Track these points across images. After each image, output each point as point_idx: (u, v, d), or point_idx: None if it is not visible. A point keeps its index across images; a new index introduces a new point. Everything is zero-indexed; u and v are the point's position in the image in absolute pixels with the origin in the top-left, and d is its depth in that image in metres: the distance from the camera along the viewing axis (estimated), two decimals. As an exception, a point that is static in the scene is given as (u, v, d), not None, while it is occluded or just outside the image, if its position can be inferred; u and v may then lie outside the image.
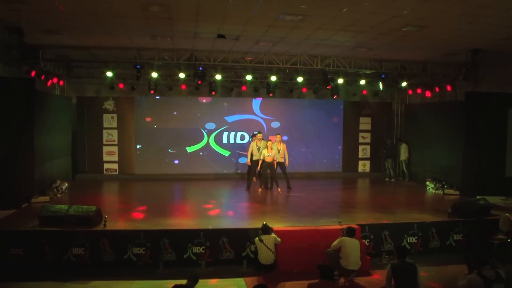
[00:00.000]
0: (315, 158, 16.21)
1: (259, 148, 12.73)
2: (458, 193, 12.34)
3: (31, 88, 10.76)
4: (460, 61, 12.37)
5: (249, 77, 12.37)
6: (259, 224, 8.22)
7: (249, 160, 12.93)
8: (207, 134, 15.58)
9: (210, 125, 15.61)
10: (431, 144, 14.22)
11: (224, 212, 10.05)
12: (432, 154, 14.19)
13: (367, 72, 12.31)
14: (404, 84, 12.77)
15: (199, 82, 11.46)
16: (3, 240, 7.95)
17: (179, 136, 15.44)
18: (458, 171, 12.59)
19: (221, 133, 15.66)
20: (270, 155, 12.34)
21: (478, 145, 12.11)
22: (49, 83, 12.65)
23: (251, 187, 12.84)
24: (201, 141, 15.59)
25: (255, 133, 12.96)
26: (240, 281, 7.57)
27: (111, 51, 11.56)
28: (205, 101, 15.54)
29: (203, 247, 8.27)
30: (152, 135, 15.35)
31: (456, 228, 9.26)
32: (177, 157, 15.50)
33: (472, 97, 12.29)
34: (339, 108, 16.41)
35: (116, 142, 15.18)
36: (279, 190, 12.46)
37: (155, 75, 11.75)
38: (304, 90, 15.56)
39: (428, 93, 14.30)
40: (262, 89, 15.30)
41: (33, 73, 11.22)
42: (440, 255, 8.94)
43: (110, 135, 15.18)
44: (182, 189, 13.31)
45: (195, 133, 15.53)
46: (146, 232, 8.25)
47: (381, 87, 12.20)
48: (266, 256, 7.79)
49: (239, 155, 15.58)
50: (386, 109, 16.77)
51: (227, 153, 15.70)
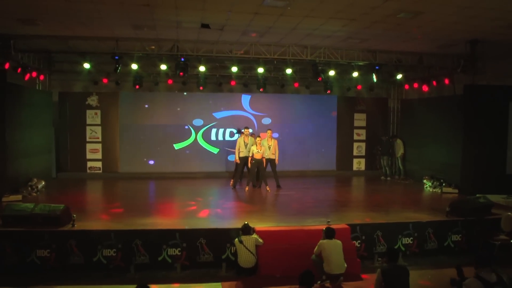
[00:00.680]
0: (308, 155, 15.59)
1: (246, 145, 12.11)
2: (457, 191, 11.75)
3: (2, 81, 10.13)
4: (458, 53, 11.75)
5: (234, 69, 11.70)
6: (241, 224, 7.56)
7: (237, 158, 12.31)
8: (194, 131, 14.95)
9: (197, 122, 15.01)
10: (428, 140, 13.63)
11: (206, 211, 9.37)
12: (429, 151, 13.59)
13: (360, 63, 11.66)
14: (400, 76, 12.12)
15: (181, 74, 10.80)
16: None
17: (165, 133, 14.84)
18: (456, 168, 11.99)
19: (209, 130, 15.05)
20: (259, 151, 11.70)
21: (477, 141, 11.57)
22: (27, 76, 12.03)
23: (237, 185, 12.20)
24: (189, 138, 14.96)
25: (242, 130, 12.30)
26: (218, 286, 6.93)
27: (90, 41, 10.90)
28: (186, 94, 14.89)
29: (179, 249, 7.64)
30: (137, 132, 14.74)
31: (454, 228, 8.61)
32: (160, 155, 14.84)
33: (471, 90, 11.69)
34: (332, 104, 15.80)
35: (100, 140, 14.58)
36: (268, 189, 11.81)
37: (135, 66, 11.08)
38: (296, 85, 14.92)
39: (425, 88, 13.62)
40: (253, 84, 14.70)
41: (6, 65, 10.58)
42: (437, 257, 8.33)
43: (94, 132, 14.57)
44: (166, 188, 12.67)
45: (182, 130, 14.92)
46: (117, 233, 7.61)
47: (374, 79, 11.55)
48: (246, 258, 7.13)
49: (228, 153, 14.93)
50: (382, 104, 16.16)
51: (215, 150, 15.07)
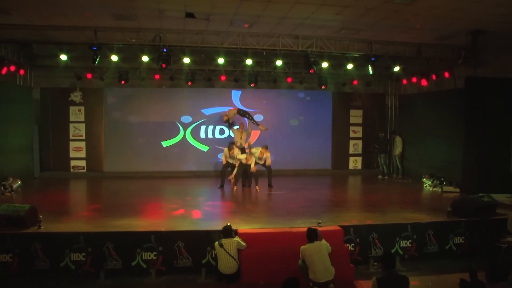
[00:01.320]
0: (302, 154, 14.90)
1: (232, 157, 11.33)
2: (458, 190, 11.15)
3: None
4: (459, 44, 11.13)
5: (221, 60, 11.01)
6: (223, 224, 6.88)
7: (224, 160, 11.59)
8: (183, 128, 14.28)
9: (186, 118, 14.35)
10: (428, 137, 13.03)
11: (189, 212, 8.68)
12: (429, 148, 12.97)
13: (355, 55, 10.99)
14: (397, 68, 11.45)
15: (163, 66, 10.12)
16: None
17: (152, 130, 14.17)
18: (458, 166, 11.37)
19: (198, 127, 14.39)
20: (249, 163, 11.05)
21: (480, 137, 10.94)
22: (4, 70, 11.37)
23: (224, 184, 11.54)
24: (177, 135, 14.30)
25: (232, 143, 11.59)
26: (195, 294, 6.25)
27: (67, 32, 10.23)
28: (165, 88, 14.23)
29: (155, 253, 6.98)
30: (123, 129, 14.08)
31: (456, 230, 7.93)
32: (147, 154, 14.18)
33: (473, 83, 11.03)
34: (327, 100, 15.14)
35: (84, 137, 13.94)
36: (257, 188, 11.13)
37: (115, 58, 10.40)
38: (289, 80, 14.30)
39: (424, 82, 13.04)
40: (244, 80, 14.09)
41: (-22, 58, 9.93)
42: (438, 262, 7.68)
43: (77, 130, 13.93)
44: (151, 188, 12.00)
45: (170, 127, 14.27)
46: (87, 235, 6.95)
47: (370, 71, 10.89)
48: (226, 263, 6.44)
49: (218, 151, 14.25)
50: (379, 100, 15.52)
51: (205, 148, 14.42)
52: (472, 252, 7.83)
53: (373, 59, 10.71)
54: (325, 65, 11.08)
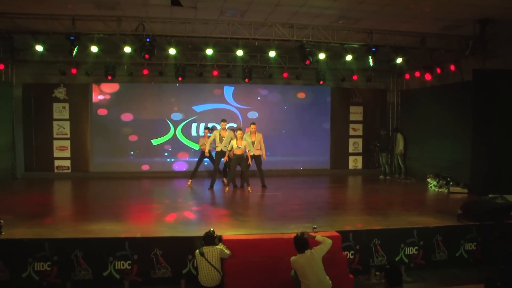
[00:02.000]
0: (299, 153, 14.21)
1: (222, 139, 10.66)
2: (466, 191, 10.45)
3: None
4: (466, 34, 10.35)
5: (209, 51, 10.23)
6: (208, 229, 6.10)
7: (207, 150, 10.78)
8: (173, 126, 13.54)
9: (176, 116, 13.62)
10: (432, 135, 12.31)
11: (172, 215, 7.89)
12: (433, 147, 12.23)
13: (355, 45, 10.21)
14: (399, 60, 10.67)
15: (146, 57, 9.35)
16: None
17: (141, 128, 13.45)
18: (465, 165, 10.66)
19: (189, 125, 13.67)
20: (240, 147, 10.25)
21: (489, 133, 10.26)
22: (-22, 64, 10.64)
23: (214, 185, 10.78)
24: (167, 133, 13.57)
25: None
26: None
27: (44, 21, 9.46)
28: (153, 83, 13.51)
29: (129, 261, 6.22)
30: (110, 127, 13.38)
31: (468, 235, 7.16)
32: (136, 153, 13.46)
33: (481, 76, 10.30)
34: (325, 96, 14.45)
35: (69, 136, 13.27)
36: (249, 189, 10.36)
37: (95, 49, 9.64)
38: (285, 75, 13.53)
39: (427, 76, 12.30)
40: (237, 75, 13.36)
41: None
42: (447, 271, 6.91)
43: (62, 128, 13.25)
44: (136, 188, 11.26)
45: (160, 125, 13.57)
46: (53, 242, 6.18)
47: (371, 62, 10.11)
48: (208, 275, 5.65)
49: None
50: (380, 96, 14.79)
51: (197, 146, 13.63)
52: (485, 259, 7.09)
53: (373, 49, 9.93)
54: (322, 56, 10.29)
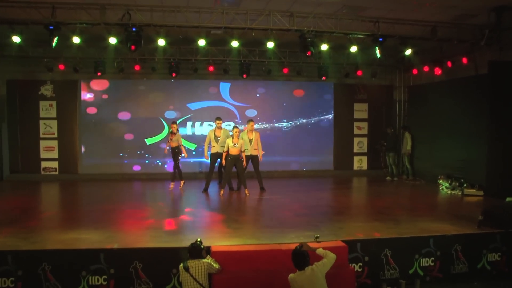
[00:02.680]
0: (300, 153, 13.44)
1: (218, 139, 9.92)
2: (481, 193, 9.69)
3: None
4: (480, 23, 9.53)
5: (202, 42, 9.44)
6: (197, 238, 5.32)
7: (206, 154, 10.16)
8: (167, 124, 12.81)
9: (170, 114, 12.89)
10: (443, 133, 11.55)
11: (159, 222, 7.08)
12: (444, 146, 11.45)
13: (360, 35, 9.39)
14: (409, 52, 9.86)
15: (132, 48, 8.55)
16: None
17: (133, 127, 12.75)
18: (480, 165, 9.90)
19: (184, 123, 12.93)
20: (236, 145, 9.46)
21: (506, 130, 9.48)
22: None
23: (209, 187, 10.01)
24: (161, 132, 12.85)
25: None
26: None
27: (21, 9, 8.67)
28: (146, 79, 12.79)
29: (105, 276, 5.46)
30: (100, 126, 12.67)
31: (491, 244, 6.34)
32: (128, 153, 12.72)
33: (498, 69, 9.56)
34: (328, 92, 13.70)
35: (56, 136, 12.56)
36: (247, 192, 9.57)
37: (77, 40, 8.86)
38: (286, 71, 12.73)
39: (437, 70, 11.50)
40: (234, 71, 12.59)
41: None
42: (468, 285, 6.11)
43: (49, 127, 12.55)
44: (126, 191, 10.51)
45: (153, 123, 12.85)
46: (17, 254, 5.40)
47: (378, 54, 9.30)
48: (192, 293, 4.85)
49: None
50: (386, 93, 13.99)
51: (193, 146, 12.91)
52: (510, 271, 6.24)
53: (381, 39, 9.10)
54: (324, 47, 9.47)
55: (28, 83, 12.38)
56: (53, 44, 8.43)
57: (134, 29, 8.38)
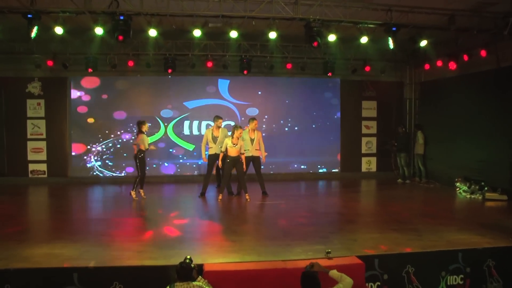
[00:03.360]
0: (305, 154, 12.61)
1: (216, 138, 9.12)
2: (505, 197, 8.86)
3: None
4: (502, 11, 8.69)
5: (197, 33, 8.61)
6: (189, 254, 4.48)
7: (203, 156, 9.36)
8: (163, 124, 12.05)
9: (166, 113, 12.09)
10: (459, 132, 10.71)
11: (147, 234, 6.26)
12: (461, 146, 10.64)
13: (370, 25, 8.55)
14: (424, 43, 9.02)
15: (120, 38, 7.76)
16: None
17: (128, 126, 11.91)
18: (503, 166, 9.08)
19: (181, 122, 12.16)
20: (236, 146, 8.64)
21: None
22: None
23: (206, 192, 9.19)
24: (157, 132, 12.08)
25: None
26: None
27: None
28: (140, 76, 12.05)
29: (79, 301, 4.59)
30: (91, 126, 11.91)
31: (530, 259, 5.48)
32: (122, 155, 11.94)
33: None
34: (335, 90, 12.86)
35: (44, 136, 11.81)
36: (247, 197, 8.75)
37: (60, 30, 8.06)
38: (289, 66, 11.92)
39: (452, 65, 10.64)
40: (235, 66, 11.76)
41: None
42: (503, 307, 5.22)
43: (37, 127, 11.81)
44: (116, 197, 9.68)
45: (149, 122, 11.89)
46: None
47: (391, 45, 8.48)
48: (179, 324, 4.03)
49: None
50: (396, 89, 13.13)
51: (191, 147, 12.14)
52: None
53: (394, 29, 8.27)
54: (332, 38, 8.63)
55: (14, 80, 11.65)
56: (32, 35, 7.62)
57: (121, 17, 7.57)
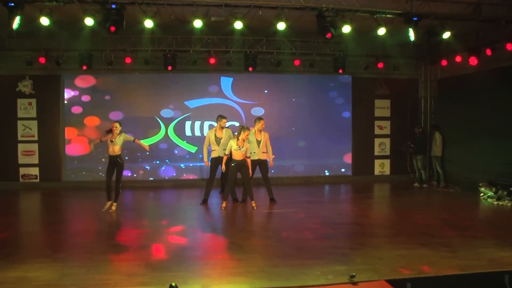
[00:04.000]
0: (314, 157, 11.87)
1: (219, 140, 8.36)
2: (538, 205, 7.92)
3: None
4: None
5: (198, 23, 7.83)
6: (187, 277, 3.73)
7: (206, 159, 8.59)
8: (164, 124, 11.37)
9: (166, 113, 11.41)
10: (482, 133, 9.98)
11: (137, 250, 5.46)
12: (484, 148, 9.92)
13: (389, 15, 7.77)
14: (447, 35, 8.23)
15: (112, 29, 7.03)
16: None
17: (126, 127, 11.02)
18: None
19: (182, 123, 11.47)
20: (241, 149, 7.87)
21: None
22: None
23: (209, 199, 8.44)
24: (158, 133, 11.42)
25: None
26: None
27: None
28: (138, 74, 11.37)
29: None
30: (86, 127, 11.24)
31: None
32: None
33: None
34: (346, 88, 12.11)
35: (36, 138, 11.21)
36: (254, 205, 7.99)
37: (46, 21, 7.32)
38: (297, 63, 11.22)
39: (473, 60, 9.92)
40: (239, 63, 11.11)
41: None
42: None
43: (28, 128, 11.20)
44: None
45: (148, 123, 11.39)
46: None
47: (412, 37, 7.70)
48: None
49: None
50: (411, 87, 12.40)
51: (193, 148, 11.42)
52: None
53: (415, 18, 7.50)
54: (347, 29, 7.84)
55: (3, 78, 11.05)
56: (15, 26, 6.95)
57: (113, 6, 6.83)
